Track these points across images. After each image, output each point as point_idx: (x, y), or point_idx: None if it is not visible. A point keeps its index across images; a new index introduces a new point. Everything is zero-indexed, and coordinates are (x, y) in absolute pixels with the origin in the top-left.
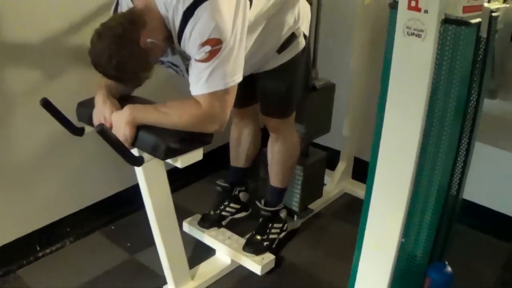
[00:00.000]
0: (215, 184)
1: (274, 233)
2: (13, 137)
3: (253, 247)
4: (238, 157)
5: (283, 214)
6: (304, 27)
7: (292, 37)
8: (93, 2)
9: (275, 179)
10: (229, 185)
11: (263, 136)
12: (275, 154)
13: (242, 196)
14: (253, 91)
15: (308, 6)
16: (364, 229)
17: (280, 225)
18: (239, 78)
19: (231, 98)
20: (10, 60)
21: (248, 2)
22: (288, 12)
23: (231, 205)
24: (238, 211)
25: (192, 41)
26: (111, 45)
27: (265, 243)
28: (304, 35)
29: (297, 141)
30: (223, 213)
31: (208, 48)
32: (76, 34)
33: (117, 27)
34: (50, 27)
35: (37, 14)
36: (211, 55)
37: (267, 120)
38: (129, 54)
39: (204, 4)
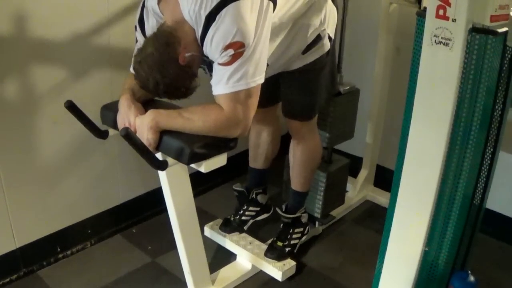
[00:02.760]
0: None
1: (295, 238)
2: (37, 139)
3: (275, 253)
4: (257, 158)
5: (304, 219)
6: (330, 30)
7: (318, 38)
8: (120, 3)
9: (296, 182)
10: (244, 189)
11: (285, 141)
12: (297, 158)
13: (260, 198)
14: (274, 91)
15: (334, 9)
16: (387, 237)
17: (301, 229)
18: (261, 79)
19: (254, 102)
20: (35, 62)
21: (271, 5)
22: (314, 14)
23: (250, 208)
24: (258, 213)
25: (215, 46)
26: (153, 73)
27: (286, 249)
28: (330, 37)
29: (319, 145)
30: (243, 217)
31: (231, 51)
32: (102, 36)
33: (154, 54)
34: (76, 28)
35: (63, 15)
36: (234, 58)
37: (290, 123)
38: (173, 76)
39: (225, 9)
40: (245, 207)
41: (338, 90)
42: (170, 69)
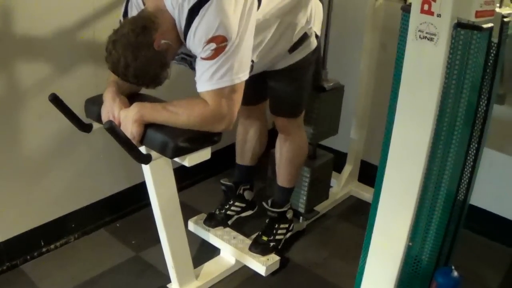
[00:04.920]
0: (219, 183)
1: (280, 234)
2: (21, 132)
3: (259, 248)
4: (244, 155)
5: (289, 215)
6: (316, 27)
7: (304, 37)
8: None
9: (282, 179)
10: (233, 184)
11: (271, 137)
12: (283, 154)
13: (247, 194)
14: (261, 89)
15: (320, 6)
16: (371, 232)
17: (286, 225)
18: (245, 76)
19: (239, 97)
20: (19, 55)
21: (256, 3)
22: (301, 12)
23: (236, 204)
24: (243, 209)
25: (197, 39)
26: (126, 53)
27: (271, 244)
28: (316, 35)
29: (305, 141)
30: (229, 212)
31: (213, 45)
32: (87, 29)
33: (129, 34)
34: (60, 23)
35: (48, 9)
36: (217, 53)
37: (276, 120)
38: (145, 60)
39: (209, 3)
40: (231, 202)
41: (323, 86)
42: (143, 52)
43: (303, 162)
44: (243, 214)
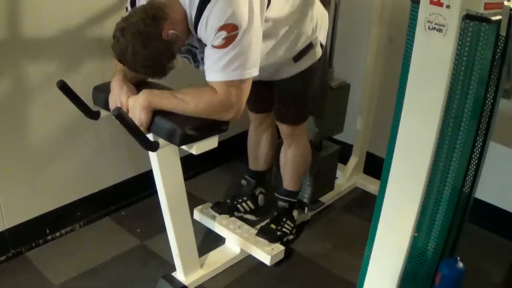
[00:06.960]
0: (230, 174)
1: (286, 228)
2: (27, 121)
3: (267, 234)
4: (257, 161)
5: (295, 214)
6: (322, 37)
7: (309, 46)
8: None
9: (288, 183)
10: (255, 181)
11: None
12: (288, 160)
13: (261, 199)
14: (270, 98)
15: (326, 14)
16: (377, 223)
17: (292, 225)
18: (255, 72)
19: (247, 87)
20: (28, 46)
21: (265, 1)
22: (307, 21)
23: (248, 202)
24: (249, 211)
25: (209, 27)
26: (134, 42)
27: (278, 233)
28: (321, 44)
29: (309, 148)
30: (238, 206)
31: (224, 34)
32: (95, 21)
33: (138, 23)
34: (69, 13)
35: (57, 1)
36: (228, 42)
37: (281, 126)
38: (153, 50)
39: None
40: (245, 198)
41: (329, 85)
42: (152, 41)
43: (308, 167)
44: (246, 216)
